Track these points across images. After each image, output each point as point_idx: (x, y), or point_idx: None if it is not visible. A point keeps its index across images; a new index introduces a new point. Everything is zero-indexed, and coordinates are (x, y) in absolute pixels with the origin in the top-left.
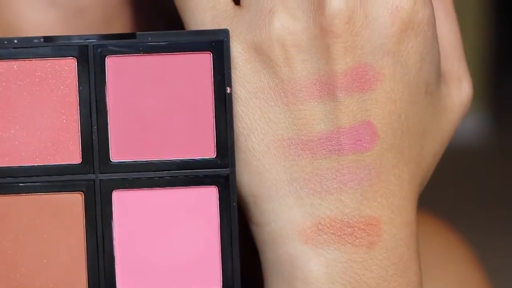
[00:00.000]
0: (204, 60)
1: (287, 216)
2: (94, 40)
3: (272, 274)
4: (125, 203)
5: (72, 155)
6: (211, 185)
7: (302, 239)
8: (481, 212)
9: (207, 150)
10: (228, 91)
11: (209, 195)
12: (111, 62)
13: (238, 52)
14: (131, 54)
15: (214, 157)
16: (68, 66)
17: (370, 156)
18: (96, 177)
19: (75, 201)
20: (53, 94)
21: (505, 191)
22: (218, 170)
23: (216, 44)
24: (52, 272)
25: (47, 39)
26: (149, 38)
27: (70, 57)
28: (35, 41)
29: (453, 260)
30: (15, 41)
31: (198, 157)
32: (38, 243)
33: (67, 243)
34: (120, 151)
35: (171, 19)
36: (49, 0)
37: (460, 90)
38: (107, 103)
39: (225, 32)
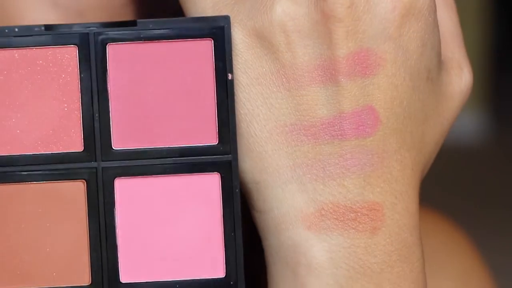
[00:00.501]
0: (205, 47)
1: (290, 202)
2: (95, 28)
3: (275, 261)
4: (127, 191)
5: (74, 143)
6: (213, 171)
7: (305, 225)
8: (481, 212)
9: (209, 137)
10: (230, 77)
11: (212, 181)
12: (112, 50)
13: (239, 38)
14: (132, 42)
15: (216, 143)
16: (69, 54)
17: (373, 141)
18: (98, 165)
19: (77, 189)
20: (54, 83)
21: (505, 191)
22: (220, 156)
23: (217, 31)
24: (54, 261)
25: (48, 27)
26: (150, 26)
27: (71, 45)
28: (36, 29)
29: (455, 255)
30: (16, 29)
31: (200, 144)
32: (40, 231)
33: (70, 232)
34: (122, 138)
35: None
36: (52, 1)
37: (460, 78)
38: (109, 91)
39: (226, 19)
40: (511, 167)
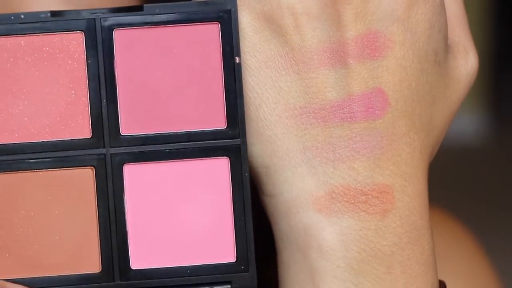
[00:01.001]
0: (212, 31)
1: (301, 186)
2: (101, 14)
3: (286, 245)
4: (136, 177)
5: (81, 129)
6: (222, 156)
7: (316, 208)
8: (481, 212)
9: (218, 121)
10: (237, 61)
11: (221, 166)
12: (119, 35)
13: (247, 22)
14: (139, 27)
15: (224, 127)
16: (76, 40)
17: (382, 123)
18: (106, 151)
19: (86, 176)
20: (61, 69)
21: (505, 191)
22: (229, 140)
23: (224, 14)
24: (64, 249)
25: (54, 13)
26: (157, 10)
27: (78, 31)
28: (42, 15)
29: (460, 252)
30: (22, 16)
31: (208, 128)
32: (49, 219)
33: (79, 219)
34: (130, 124)
35: None
36: None
37: (466, 61)
38: (116, 77)
39: (232, 2)
40: (511, 167)
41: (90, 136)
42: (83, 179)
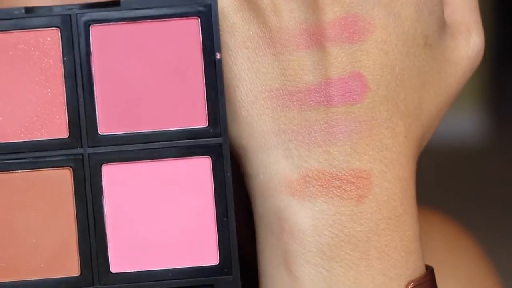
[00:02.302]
0: (192, 26)
1: (275, 168)
2: (77, 9)
3: (262, 227)
4: (115, 177)
5: (58, 129)
6: (204, 155)
7: (289, 191)
8: (481, 212)
9: (199, 119)
10: (218, 57)
11: (202, 165)
12: (95, 32)
13: (228, 1)
14: (116, 23)
15: (206, 126)
16: (52, 37)
17: (361, 108)
18: (84, 151)
19: (63, 177)
20: (37, 67)
21: (505, 191)
22: (211, 139)
23: (204, 9)
24: (42, 252)
25: (28, 10)
26: (134, 5)
27: (53, 28)
28: (16, 12)
29: (460, 255)
30: None
31: (189, 126)
32: (27, 222)
33: (57, 221)
34: (108, 123)
35: None
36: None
37: (468, 42)
38: (93, 74)
39: None
40: (511, 167)
41: (67, 136)
42: (60, 180)
